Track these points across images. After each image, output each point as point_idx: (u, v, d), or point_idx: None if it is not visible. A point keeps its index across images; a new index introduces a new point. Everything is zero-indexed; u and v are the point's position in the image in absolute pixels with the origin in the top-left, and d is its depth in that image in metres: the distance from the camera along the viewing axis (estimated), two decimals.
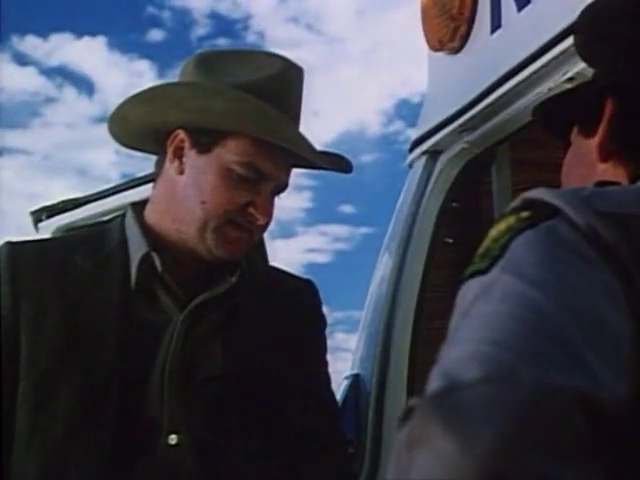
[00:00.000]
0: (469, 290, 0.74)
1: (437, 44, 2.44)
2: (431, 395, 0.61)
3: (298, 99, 1.58)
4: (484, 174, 2.65)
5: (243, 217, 1.52)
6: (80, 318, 1.50)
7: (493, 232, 0.80)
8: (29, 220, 2.69)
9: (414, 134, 2.60)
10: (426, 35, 2.48)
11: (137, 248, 1.55)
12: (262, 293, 1.62)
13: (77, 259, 1.56)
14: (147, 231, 1.57)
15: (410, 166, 2.62)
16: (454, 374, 0.62)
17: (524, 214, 0.79)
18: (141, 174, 2.42)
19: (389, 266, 2.43)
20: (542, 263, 0.71)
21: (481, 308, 0.69)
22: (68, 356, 1.46)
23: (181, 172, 1.55)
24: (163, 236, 1.57)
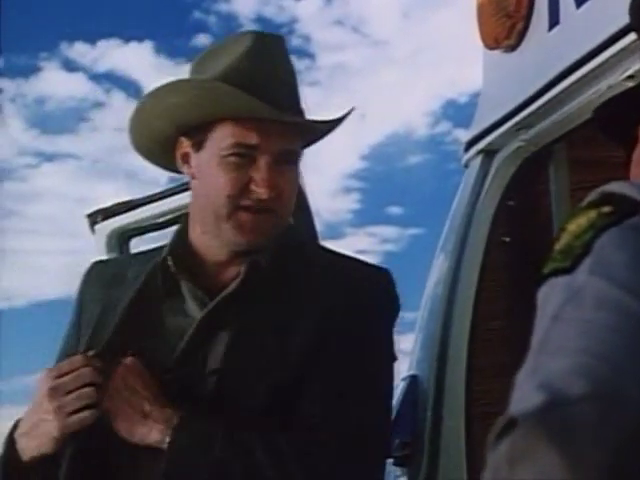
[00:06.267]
0: (554, 290, 0.71)
1: (493, 42, 2.42)
2: (536, 409, 0.59)
3: (276, 67, 1.57)
4: (541, 173, 2.62)
5: (249, 198, 1.52)
6: (108, 325, 1.58)
7: (572, 227, 0.76)
8: (80, 223, 2.70)
9: (469, 133, 2.58)
10: (482, 33, 2.46)
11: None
12: (297, 286, 1.58)
13: (129, 272, 1.65)
14: (180, 238, 1.62)
15: (466, 166, 2.60)
16: (558, 388, 0.60)
17: (605, 209, 0.75)
18: (188, 178, 2.43)
19: (445, 267, 2.41)
20: (632, 265, 0.69)
21: (574, 313, 0.67)
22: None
23: (193, 176, 1.59)
24: (190, 241, 1.61)
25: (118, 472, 1.53)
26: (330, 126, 1.63)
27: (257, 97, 1.48)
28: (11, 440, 1.53)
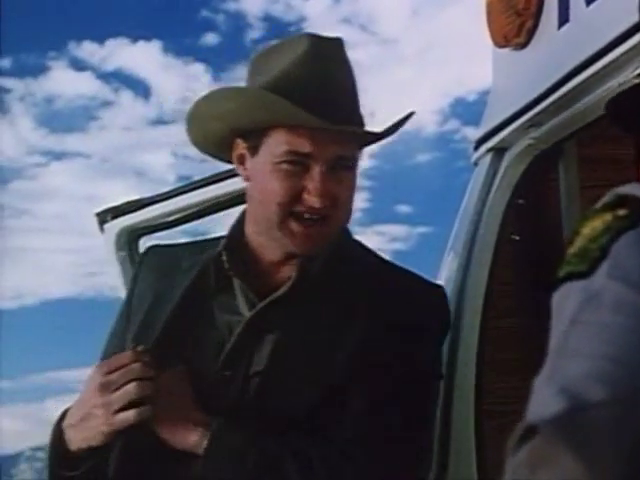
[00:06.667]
0: (570, 294, 0.71)
1: (502, 40, 2.41)
2: (555, 415, 0.59)
3: (331, 73, 1.54)
4: (551, 171, 2.61)
5: (302, 206, 1.51)
6: (159, 318, 1.59)
7: (586, 230, 0.75)
8: (89, 222, 2.69)
9: (479, 131, 2.58)
10: (491, 31, 2.45)
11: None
12: (346, 294, 1.58)
13: (183, 262, 1.64)
14: (236, 233, 1.63)
15: (475, 164, 2.60)
16: (578, 393, 0.60)
17: (621, 212, 0.75)
18: (196, 176, 2.43)
19: (454, 266, 2.41)
20: None
21: (592, 317, 0.67)
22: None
23: (247, 178, 1.59)
24: (245, 238, 1.63)
25: (163, 473, 1.54)
26: (386, 132, 1.62)
27: (308, 105, 1.46)
28: (59, 430, 1.55)
